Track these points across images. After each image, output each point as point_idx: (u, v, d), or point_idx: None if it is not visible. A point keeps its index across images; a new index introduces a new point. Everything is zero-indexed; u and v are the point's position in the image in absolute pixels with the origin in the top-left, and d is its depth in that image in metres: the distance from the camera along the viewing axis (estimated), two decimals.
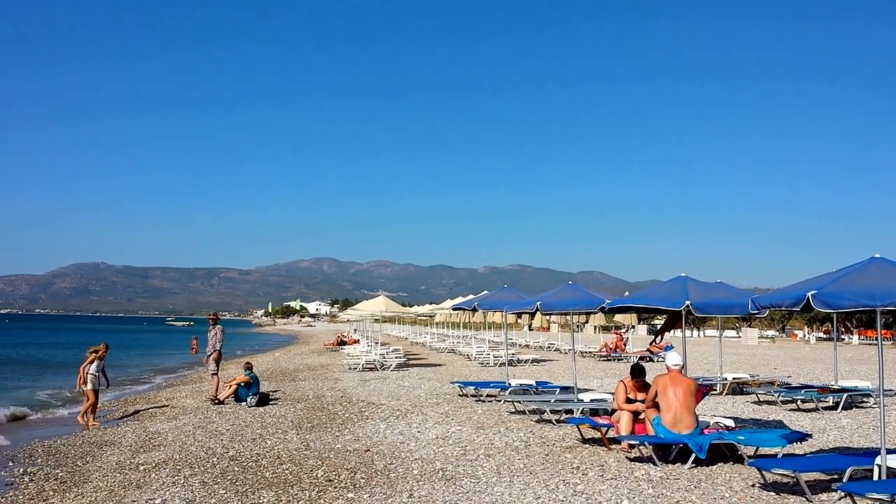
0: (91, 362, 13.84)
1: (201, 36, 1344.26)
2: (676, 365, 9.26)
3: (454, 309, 24.38)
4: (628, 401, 10.00)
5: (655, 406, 9.17)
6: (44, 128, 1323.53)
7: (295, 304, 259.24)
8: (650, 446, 8.84)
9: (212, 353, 15.76)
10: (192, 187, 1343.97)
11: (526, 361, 27.36)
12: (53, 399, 19.07)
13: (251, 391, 15.33)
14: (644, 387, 9.99)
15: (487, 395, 15.58)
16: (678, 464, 8.66)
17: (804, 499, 7.07)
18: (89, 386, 13.70)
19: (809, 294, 6.95)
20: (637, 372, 10.24)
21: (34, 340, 63.17)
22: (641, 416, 9.67)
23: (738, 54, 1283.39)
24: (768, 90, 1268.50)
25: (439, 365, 26.84)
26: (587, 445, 10.01)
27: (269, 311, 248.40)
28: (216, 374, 15.89)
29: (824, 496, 7.18)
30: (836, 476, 7.55)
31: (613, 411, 10.36)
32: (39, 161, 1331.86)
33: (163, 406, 16.00)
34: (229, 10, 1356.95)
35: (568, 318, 16.03)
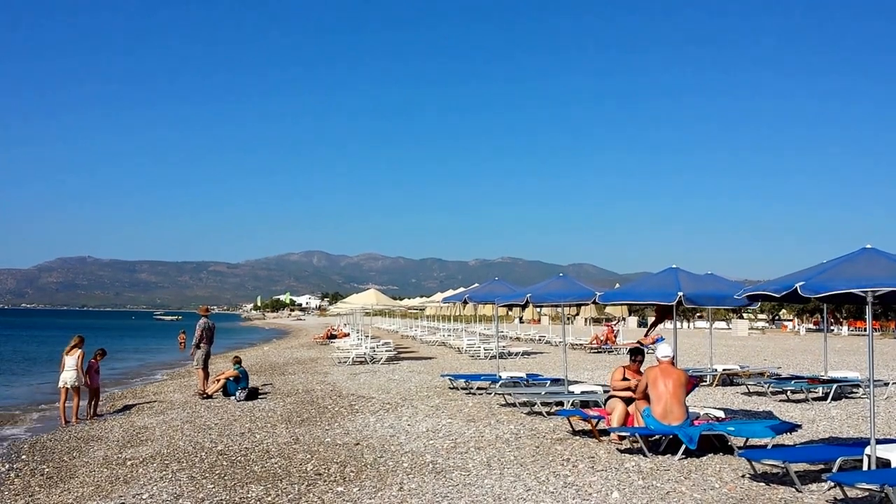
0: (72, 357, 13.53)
1: (191, 30, 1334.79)
2: (667, 356, 9.25)
3: (444, 302, 24.37)
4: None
5: (646, 397, 9.16)
6: (28, 120, 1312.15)
7: (284, 298, 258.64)
8: (640, 438, 8.83)
9: (198, 347, 15.68)
10: (179, 180, 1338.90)
11: (517, 354, 27.36)
12: (39, 394, 18.91)
13: (240, 385, 15.25)
14: (641, 370, 9.98)
15: (478, 388, 15.55)
16: (668, 455, 8.65)
17: (794, 489, 7.07)
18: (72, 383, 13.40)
19: (798, 284, 6.95)
20: (636, 352, 10.22)
21: (21, 335, 62.68)
22: (631, 409, 9.66)
23: (729, 46, 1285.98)
24: (760, 81, 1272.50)
25: (430, 358, 26.82)
26: (577, 437, 9.99)
27: (259, 304, 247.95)
28: (203, 368, 15.79)
29: (814, 486, 7.18)
30: (825, 466, 7.56)
31: (609, 398, 10.32)
32: (24, 154, 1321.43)
33: (150, 401, 15.88)
34: (218, 3, 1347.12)
35: (559, 310, 16.01)
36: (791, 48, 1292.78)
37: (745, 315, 60.81)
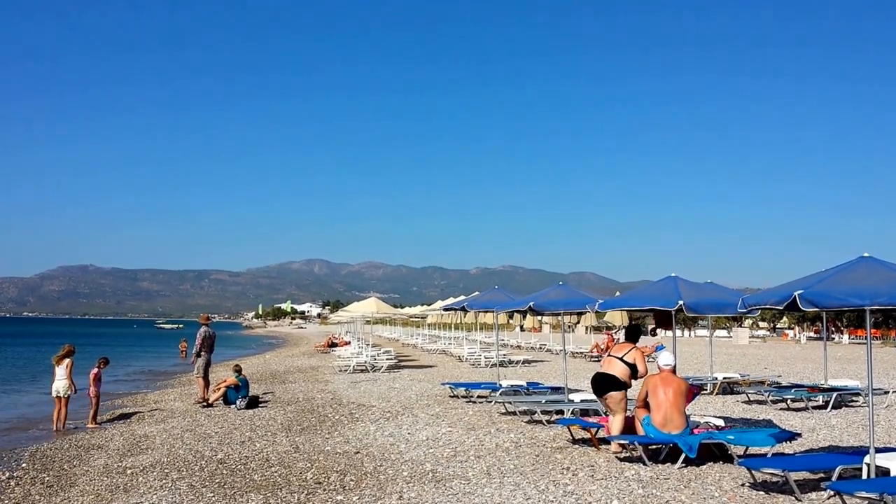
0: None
1: (191, 32, 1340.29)
2: (668, 365, 9.25)
3: (445, 310, 24.36)
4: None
5: (645, 406, 9.16)
6: (29, 126, 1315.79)
7: (286, 306, 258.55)
8: (640, 446, 8.84)
9: (199, 356, 15.71)
10: (181, 188, 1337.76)
11: (517, 362, 27.36)
12: (39, 403, 18.91)
13: (240, 394, 15.25)
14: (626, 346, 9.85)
15: (478, 397, 15.55)
16: (668, 464, 8.66)
17: (793, 498, 7.07)
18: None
19: (796, 293, 6.96)
20: (633, 334, 10.02)
21: (22, 344, 62.62)
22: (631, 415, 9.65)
23: (728, 49, 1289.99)
24: (762, 85, 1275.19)
25: (430, 366, 26.80)
26: (577, 446, 9.99)
27: (260, 313, 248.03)
28: (204, 376, 15.81)
29: (814, 495, 7.18)
30: (825, 475, 7.56)
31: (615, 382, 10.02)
32: (25, 161, 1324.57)
33: (151, 409, 15.89)
34: (217, 7, 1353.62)
35: (559, 318, 16.02)
36: (791, 50, 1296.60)
37: (745, 323, 60.73)
